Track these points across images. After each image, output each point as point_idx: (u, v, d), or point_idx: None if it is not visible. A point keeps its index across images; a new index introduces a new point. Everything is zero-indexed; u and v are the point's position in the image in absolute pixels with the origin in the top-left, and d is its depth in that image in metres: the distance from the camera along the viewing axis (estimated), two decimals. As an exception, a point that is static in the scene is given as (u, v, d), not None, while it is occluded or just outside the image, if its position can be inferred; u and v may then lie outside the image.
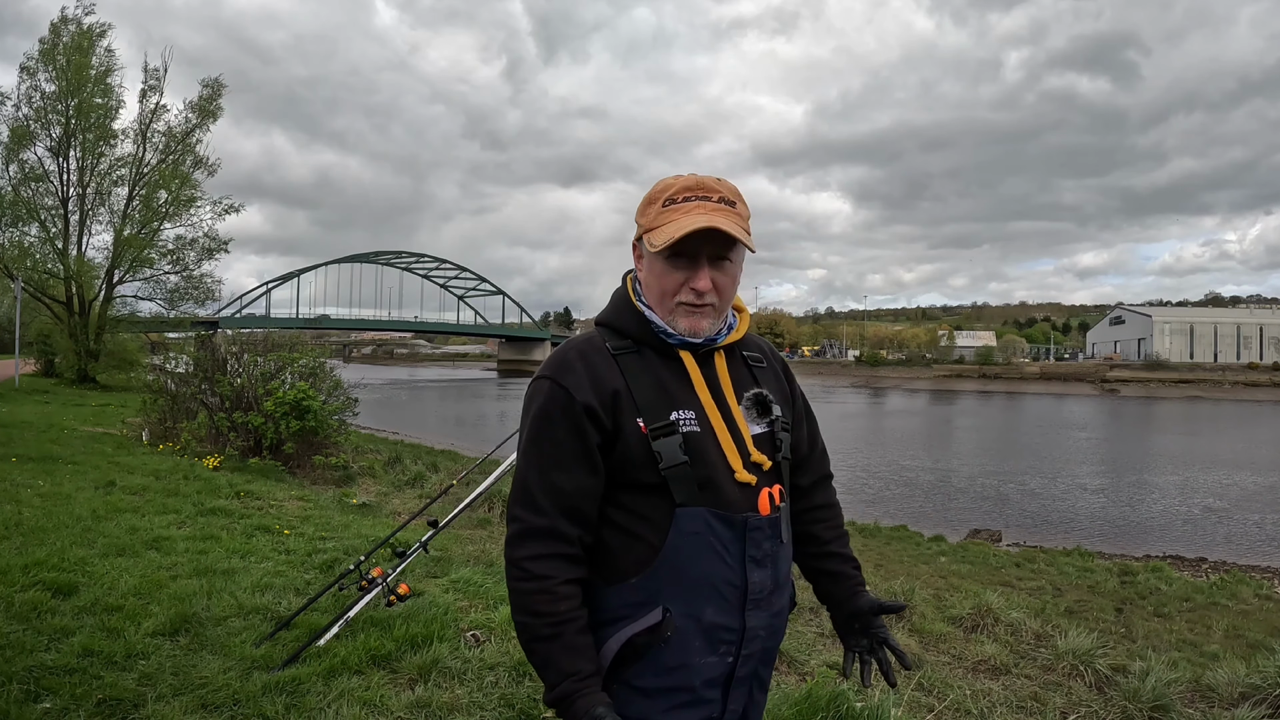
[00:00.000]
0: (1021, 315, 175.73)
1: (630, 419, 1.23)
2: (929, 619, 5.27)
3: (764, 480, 1.29)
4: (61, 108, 25.70)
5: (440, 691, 2.86)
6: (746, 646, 1.27)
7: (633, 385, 1.25)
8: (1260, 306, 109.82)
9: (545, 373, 1.29)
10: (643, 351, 1.30)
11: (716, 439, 1.26)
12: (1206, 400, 59.60)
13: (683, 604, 1.22)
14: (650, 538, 1.23)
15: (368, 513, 7.07)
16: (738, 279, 1.33)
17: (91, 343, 26.18)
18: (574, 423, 1.22)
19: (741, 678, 1.29)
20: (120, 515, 5.42)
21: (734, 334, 1.36)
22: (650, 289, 1.31)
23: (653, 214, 1.27)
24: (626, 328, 1.32)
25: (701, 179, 1.28)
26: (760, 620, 1.27)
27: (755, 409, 1.33)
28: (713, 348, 1.33)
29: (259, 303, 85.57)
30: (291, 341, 11.48)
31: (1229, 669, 4.24)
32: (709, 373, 1.31)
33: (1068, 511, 15.38)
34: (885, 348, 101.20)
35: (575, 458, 1.23)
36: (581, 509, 1.23)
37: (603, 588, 1.25)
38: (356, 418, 11.00)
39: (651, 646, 1.21)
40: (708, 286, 1.26)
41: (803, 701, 2.92)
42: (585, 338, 1.34)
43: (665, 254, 1.25)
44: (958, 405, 52.03)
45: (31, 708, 2.51)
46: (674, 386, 1.27)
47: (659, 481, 1.21)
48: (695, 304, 1.27)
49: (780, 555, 1.31)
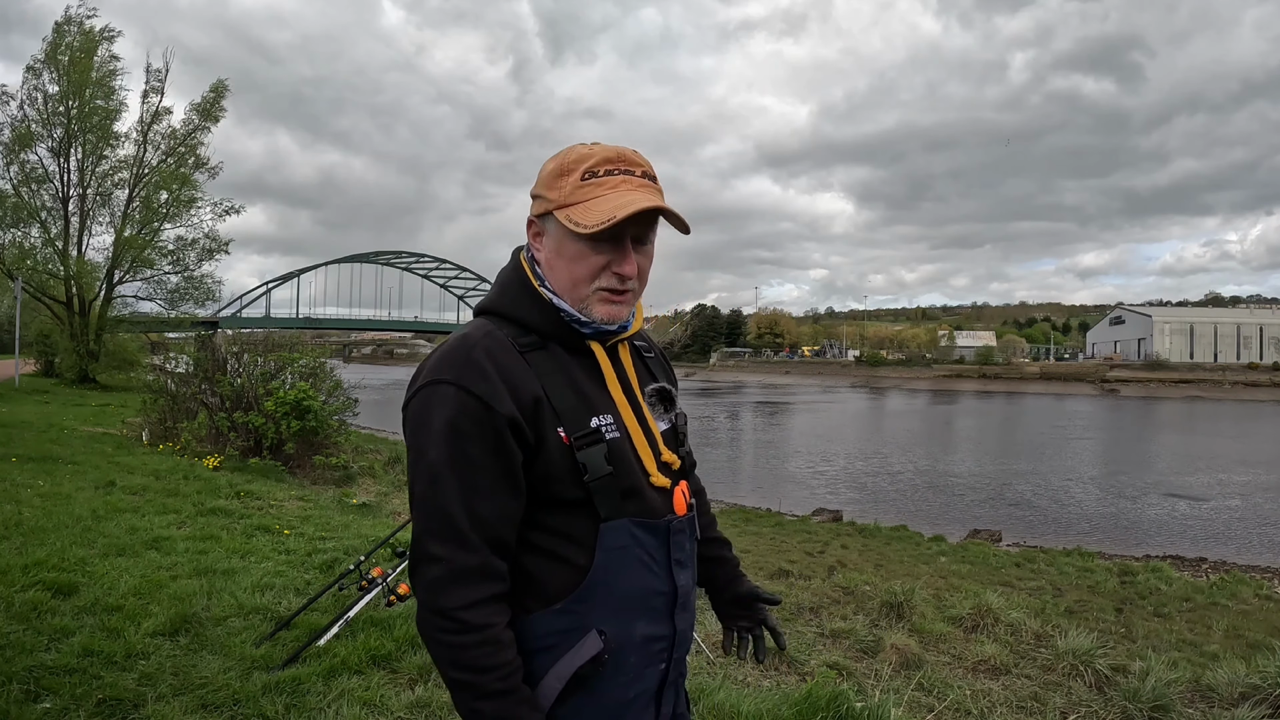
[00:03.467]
0: (1021, 315, 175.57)
1: (552, 429, 1.09)
2: (929, 619, 5.27)
3: (674, 479, 1.21)
4: (63, 109, 25.73)
5: (440, 691, 2.86)
6: (677, 650, 1.22)
7: (549, 390, 1.10)
8: (1260, 306, 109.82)
9: (445, 376, 1.07)
10: (549, 347, 1.15)
11: (633, 442, 1.16)
12: (1206, 400, 59.59)
13: (615, 623, 1.12)
14: (575, 558, 1.11)
15: (368, 513, 7.07)
16: (652, 261, 1.21)
17: (91, 343, 26.19)
18: (493, 439, 1.05)
19: (673, 680, 1.24)
20: (120, 515, 5.42)
21: (636, 323, 1.25)
22: (558, 273, 1.14)
23: (567, 188, 1.11)
24: (528, 319, 1.15)
25: (621, 150, 1.13)
26: (686, 622, 1.23)
27: (660, 404, 1.25)
28: (619, 339, 1.21)
29: (259, 303, 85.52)
30: (291, 341, 11.49)
31: (1229, 669, 4.24)
32: (618, 368, 1.20)
33: (1068, 511, 15.39)
34: (885, 348, 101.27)
35: (497, 480, 1.06)
36: (505, 539, 1.08)
37: (523, 617, 1.11)
38: (356, 418, 11.01)
39: (592, 677, 1.10)
40: (634, 271, 1.13)
41: (802, 701, 2.92)
42: (483, 332, 1.13)
43: (586, 236, 1.09)
44: (958, 405, 52.03)
45: (31, 708, 2.51)
46: (588, 387, 1.15)
47: (583, 496, 1.10)
48: (617, 290, 1.13)
49: (695, 552, 1.27)
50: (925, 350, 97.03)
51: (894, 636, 4.62)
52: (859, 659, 4.27)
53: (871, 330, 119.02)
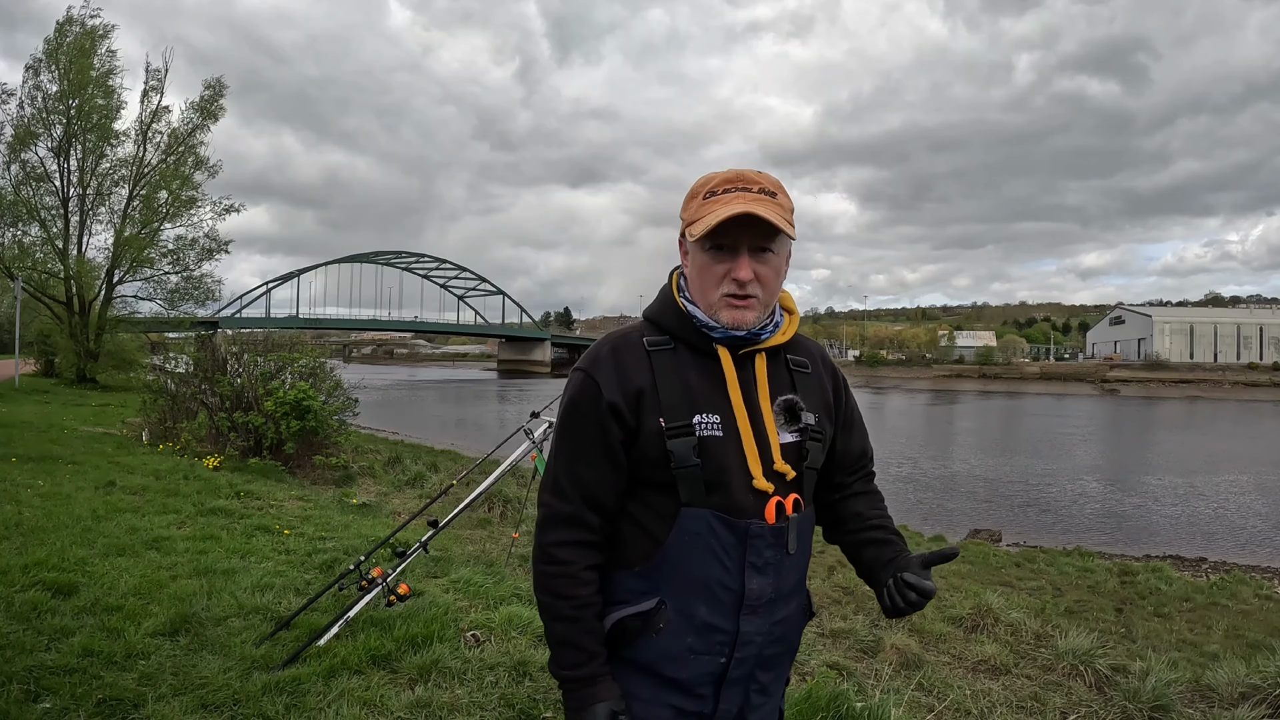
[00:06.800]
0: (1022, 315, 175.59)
1: (652, 417, 1.25)
2: (929, 619, 5.27)
3: (783, 489, 1.28)
4: (63, 108, 25.73)
5: (440, 691, 2.86)
6: (740, 650, 1.27)
7: (660, 383, 1.26)
8: (1260, 306, 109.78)
9: (582, 364, 1.32)
10: (678, 349, 1.30)
11: (740, 444, 1.25)
12: (1206, 400, 59.59)
13: (678, 599, 1.25)
14: (656, 532, 1.26)
15: (368, 513, 7.06)
16: (781, 271, 1.32)
17: (91, 343, 26.19)
18: (598, 418, 1.26)
19: (735, 679, 1.30)
20: (120, 515, 5.42)
21: (778, 335, 1.34)
22: (694, 282, 1.31)
23: (694, 208, 1.28)
24: (666, 323, 1.33)
25: (741, 172, 1.28)
26: (756, 626, 1.28)
27: (784, 415, 1.31)
28: (754, 349, 1.31)
29: (259, 303, 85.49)
30: (291, 341, 11.49)
31: (1229, 669, 4.24)
32: (745, 375, 1.30)
33: (1068, 511, 15.39)
34: (885, 348, 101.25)
35: (598, 451, 1.27)
36: (601, 499, 1.28)
37: (610, 572, 1.30)
38: (356, 418, 11.00)
39: (643, 633, 1.26)
40: (749, 276, 1.25)
41: (803, 702, 2.92)
42: (623, 332, 1.35)
43: (706, 245, 1.26)
44: (958, 405, 52.03)
45: (31, 708, 2.51)
46: (703, 387, 1.28)
47: (670, 480, 1.24)
48: (738, 295, 1.26)
49: (785, 564, 1.29)
50: (925, 350, 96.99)
51: (894, 636, 4.62)
52: (859, 659, 4.27)
53: (872, 330, 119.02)
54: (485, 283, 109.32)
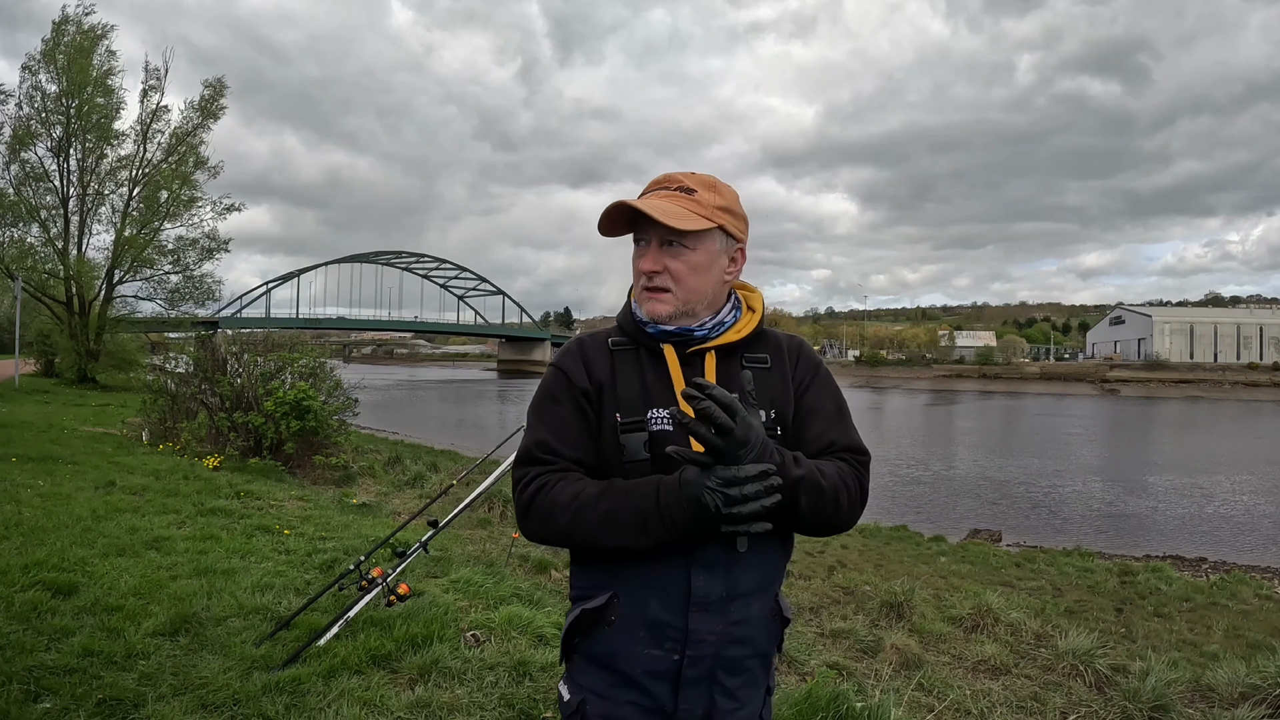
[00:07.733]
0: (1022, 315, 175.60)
1: (610, 411, 1.30)
2: (929, 619, 5.27)
3: None
4: (62, 108, 25.70)
5: (440, 691, 2.86)
6: (693, 648, 1.25)
7: (618, 380, 1.32)
8: (1260, 306, 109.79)
9: (554, 360, 1.41)
10: (639, 350, 1.35)
11: (689, 441, 1.22)
12: (1206, 400, 59.58)
13: (629, 594, 1.27)
14: None
15: (368, 513, 7.06)
16: (702, 266, 1.30)
17: (91, 343, 26.18)
18: (572, 398, 1.32)
19: (693, 678, 1.26)
20: (120, 515, 5.42)
21: (730, 333, 1.34)
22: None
23: None
24: (625, 324, 1.39)
25: (672, 173, 1.35)
26: (708, 625, 1.25)
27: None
28: (702, 348, 1.33)
29: (259, 303, 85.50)
30: (291, 341, 11.49)
31: (1229, 669, 4.24)
32: (692, 372, 1.31)
33: (1068, 511, 15.38)
34: (885, 348, 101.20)
35: (568, 410, 1.32)
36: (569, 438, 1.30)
37: (574, 566, 1.36)
38: (356, 418, 11.00)
39: (597, 626, 1.29)
40: (650, 267, 1.30)
41: (803, 701, 2.92)
42: (593, 332, 1.42)
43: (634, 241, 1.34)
44: (958, 405, 52.01)
45: (31, 708, 2.51)
46: (657, 385, 1.31)
47: (624, 475, 1.26)
48: (647, 286, 1.32)
49: (737, 564, 1.26)
50: (925, 350, 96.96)
51: (894, 636, 4.62)
52: (859, 659, 4.27)
53: (872, 330, 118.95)
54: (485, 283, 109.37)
